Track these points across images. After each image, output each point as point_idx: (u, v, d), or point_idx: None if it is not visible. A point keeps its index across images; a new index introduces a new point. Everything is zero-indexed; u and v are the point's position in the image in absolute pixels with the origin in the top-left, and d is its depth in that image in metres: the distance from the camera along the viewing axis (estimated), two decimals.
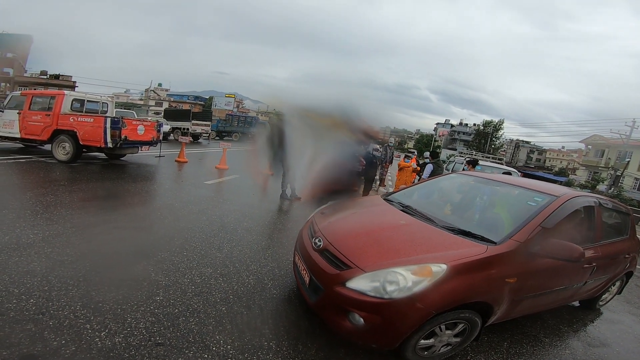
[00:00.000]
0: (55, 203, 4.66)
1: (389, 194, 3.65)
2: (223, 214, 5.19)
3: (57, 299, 2.40)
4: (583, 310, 3.93)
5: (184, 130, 17.84)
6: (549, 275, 2.71)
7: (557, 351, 2.93)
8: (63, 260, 3.00)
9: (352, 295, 2.09)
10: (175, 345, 2.10)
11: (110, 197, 5.37)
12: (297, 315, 2.67)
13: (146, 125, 8.51)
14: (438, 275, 2.06)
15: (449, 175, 4.14)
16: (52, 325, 2.11)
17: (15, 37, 32.44)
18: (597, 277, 3.32)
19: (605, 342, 3.28)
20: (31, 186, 5.47)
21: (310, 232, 2.85)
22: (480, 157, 14.80)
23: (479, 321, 2.32)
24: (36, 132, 7.75)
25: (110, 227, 4.00)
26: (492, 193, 3.42)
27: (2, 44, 32.53)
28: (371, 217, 3.03)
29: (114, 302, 2.46)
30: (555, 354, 2.88)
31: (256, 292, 2.93)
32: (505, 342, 2.88)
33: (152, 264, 3.19)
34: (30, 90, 8.21)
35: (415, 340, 2.14)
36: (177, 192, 6.41)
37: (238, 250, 3.83)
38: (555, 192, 2.94)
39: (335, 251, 2.39)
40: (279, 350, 2.22)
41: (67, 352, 1.90)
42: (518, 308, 2.63)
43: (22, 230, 3.55)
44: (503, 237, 2.44)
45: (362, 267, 2.16)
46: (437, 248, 2.32)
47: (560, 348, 3.00)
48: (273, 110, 14.17)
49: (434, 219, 2.79)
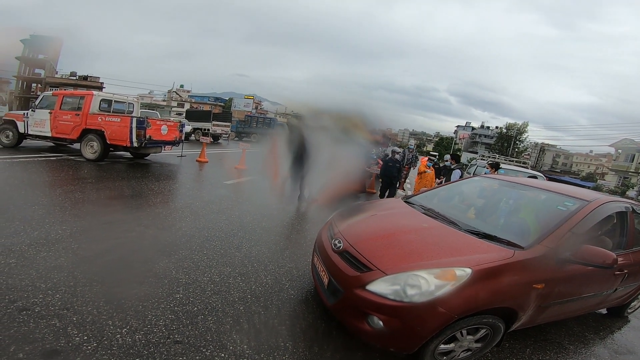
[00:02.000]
0: (82, 200, 4.84)
1: (410, 197, 3.58)
2: (242, 214, 5.24)
3: (82, 294, 2.47)
4: (610, 317, 3.78)
5: (205, 130, 18.21)
6: (578, 281, 2.60)
7: (581, 358, 2.82)
8: (89, 257, 3.10)
9: (371, 298, 2.04)
10: (193, 343, 2.12)
11: (135, 195, 5.52)
12: (314, 317, 2.65)
13: (169, 126, 8.73)
14: (462, 279, 1.99)
15: (472, 178, 4.02)
16: (75, 321, 2.16)
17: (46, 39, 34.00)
18: (627, 284, 3.19)
19: (632, 349, 3.14)
20: (60, 183, 5.71)
21: (330, 233, 2.82)
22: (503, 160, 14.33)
23: (502, 327, 2.23)
24: (66, 131, 8.05)
25: (134, 224, 4.11)
26: (519, 197, 3.29)
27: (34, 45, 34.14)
28: (392, 219, 2.97)
29: (135, 298, 2.51)
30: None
31: (274, 293, 2.93)
32: (527, 349, 2.77)
33: (173, 261, 3.24)
34: (61, 90, 8.54)
35: (435, 345, 2.08)
36: (198, 192, 6.53)
37: (257, 250, 3.85)
38: (587, 197, 2.84)
39: (355, 253, 2.35)
40: (295, 351, 2.20)
41: (89, 348, 1.94)
42: (544, 314, 2.53)
43: (52, 226, 3.69)
44: (531, 242, 2.35)
45: (383, 269, 2.12)
46: (461, 252, 2.24)
47: (585, 355, 2.88)
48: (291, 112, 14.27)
49: (457, 222, 2.71)
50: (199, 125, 18.37)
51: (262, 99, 64.82)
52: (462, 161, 23.52)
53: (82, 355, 1.88)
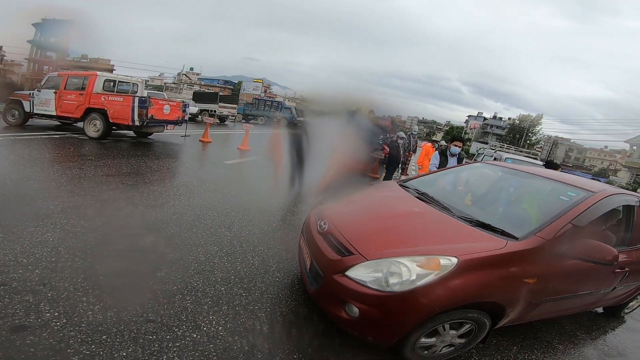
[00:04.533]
0: (79, 176, 4.83)
1: (406, 180, 3.43)
2: (238, 194, 5.19)
3: (61, 270, 2.43)
4: (605, 317, 3.60)
5: (211, 112, 18.15)
6: (575, 278, 2.44)
7: (569, 359, 2.68)
8: (76, 232, 3.07)
9: (350, 285, 1.94)
10: (166, 322, 2.07)
11: (133, 173, 5.50)
12: (297, 302, 2.57)
13: (172, 105, 8.69)
14: (446, 269, 1.86)
15: (474, 164, 3.84)
16: (50, 296, 2.13)
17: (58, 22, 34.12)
18: (627, 283, 2.99)
19: (623, 352, 2.99)
20: (60, 160, 5.73)
21: (318, 214, 2.71)
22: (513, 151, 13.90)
23: (488, 323, 2.11)
24: (70, 110, 8.14)
25: (128, 202, 4.08)
26: (521, 185, 3.12)
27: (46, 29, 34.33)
28: (383, 202, 2.83)
29: (115, 275, 2.47)
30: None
31: (259, 275, 2.86)
32: (515, 347, 2.64)
33: (162, 238, 3.22)
34: (66, 71, 8.59)
35: (416, 338, 1.97)
36: (196, 171, 6.50)
37: (248, 231, 3.79)
38: (592, 188, 2.63)
39: (339, 235, 2.24)
40: (271, 334, 2.14)
41: (58, 324, 1.90)
42: (535, 311, 2.39)
43: (44, 201, 3.68)
44: (527, 233, 2.17)
45: (364, 254, 2.01)
46: (450, 239, 2.11)
47: (573, 356, 2.74)
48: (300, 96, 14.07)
49: (451, 208, 2.55)
50: (206, 106, 18.30)
51: (272, 83, 64.27)
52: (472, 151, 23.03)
53: (49, 331, 1.84)
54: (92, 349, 1.79)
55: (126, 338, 1.90)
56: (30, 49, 34.82)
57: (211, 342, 1.98)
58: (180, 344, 1.93)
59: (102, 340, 1.85)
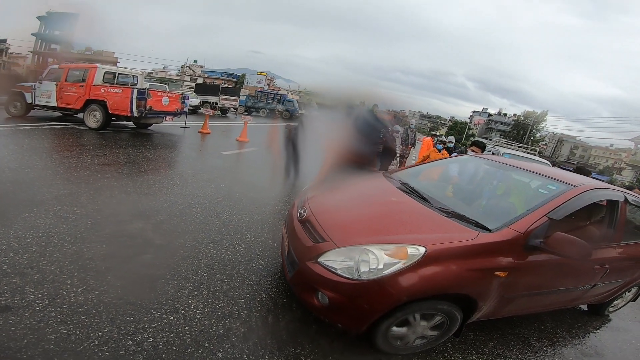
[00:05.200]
0: (76, 165, 4.92)
1: (393, 172, 3.45)
2: (232, 184, 5.27)
3: (50, 254, 2.52)
4: (590, 315, 3.53)
5: (213, 104, 18.18)
6: (550, 273, 2.41)
7: (544, 357, 2.64)
8: (67, 218, 3.16)
9: (321, 272, 1.98)
10: (145, 305, 2.14)
11: (129, 162, 5.58)
12: (277, 290, 2.64)
13: (171, 97, 8.77)
14: (414, 258, 1.88)
15: (461, 157, 3.85)
16: (36, 279, 2.21)
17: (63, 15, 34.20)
18: (609, 280, 2.93)
19: (601, 351, 2.93)
20: (58, 149, 5.82)
21: (301, 201, 2.76)
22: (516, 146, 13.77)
23: (459, 316, 2.12)
24: (71, 101, 8.28)
25: (121, 190, 4.17)
26: (503, 178, 3.14)
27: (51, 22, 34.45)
28: (364, 192, 2.86)
29: (101, 259, 2.56)
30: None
31: (243, 262, 2.93)
32: (491, 342, 2.63)
33: (151, 224, 3.31)
34: (67, 64, 8.72)
35: (386, 327, 2.01)
36: (192, 161, 6.58)
37: (237, 219, 3.86)
38: (574, 182, 2.59)
39: (315, 223, 2.28)
40: (248, 320, 2.21)
41: (40, 305, 1.98)
42: (510, 307, 2.39)
43: (39, 188, 3.77)
44: (499, 225, 2.17)
45: (335, 241, 2.05)
46: (422, 229, 2.14)
47: (548, 354, 2.70)
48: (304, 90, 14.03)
49: (429, 199, 2.56)
50: (207, 98, 18.34)
51: (276, 76, 64.02)
52: None
53: (31, 311, 1.93)
54: (69, 328, 1.87)
55: (104, 319, 1.97)
56: (35, 42, 35.03)
57: (187, 325, 2.06)
58: (156, 326, 2.01)
59: (81, 321, 1.93)
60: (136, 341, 1.88)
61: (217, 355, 1.91)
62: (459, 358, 2.37)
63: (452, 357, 2.36)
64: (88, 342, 1.81)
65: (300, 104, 22.86)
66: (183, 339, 1.96)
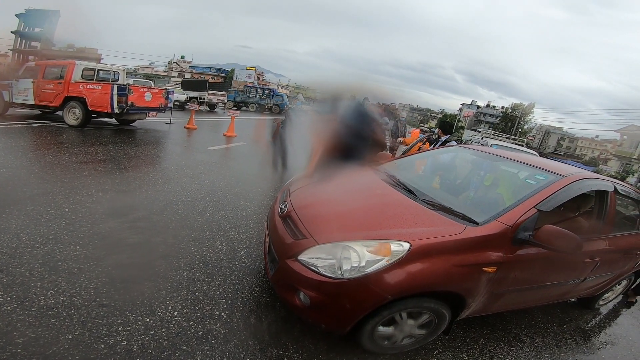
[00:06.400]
0: (52, 164, 4.72)
1: (379, 164, 3.36)
2: (216, 179, 5.13)
3: (20, 256, 2.39)
4: (580, 308, 3.49)
5: (200, 99, 17.88)
6: (539, 267, 2.34)
7: (535, 353, 2.60)
8: (40, 218, 3.01)
9: (301, 271, 1.89)
10: (119, 307, 2.04)
11: (108, 159, 5.40)
12: (261, 289, 2.55)
13: (153, 93, 8.54)
14: (398, 255, 1.80)
15: (450, 147, 3.79)
16: (5, 282, 2.10)
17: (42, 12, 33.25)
18: (599, 273, 2.87)
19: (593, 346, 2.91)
20: (35, 148, 5.59)
21: (283, 196, 2.66)
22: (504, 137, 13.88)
23: (448, 314, 2.04)
24: (49, 99, 8.03)
25: (98, 188, 4.00)
26: (491, 169, 3.07)
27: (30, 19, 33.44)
28: (348, 185, 2.77)
29: (74, 260, 2.43)
30: (532, 357, 2.55)
31: (225, 260, 2.83)
32: (482, 339, 2.57)
33: (128, 223, 3.19)
34: (43, 61, 8.43)
35: (372, 327, 1.92)
36: (176, 157, 6.42)
37: (220, 215, 3.75)
38: (562, 172, 2.51)
39: (296, 218, 2.18)
40: (229, 321, 2.12)
41: (8, 309, 1.88)
42: (499, 302, 2.32)
43: (13, 188, 3.61)
44: (487, 218, 2.08)
45: (316, 237, 1.95)
46: (407, 223, 2.04)
47: (540, 350, 2.65)
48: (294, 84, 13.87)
49: (415, 191, 2.47)
50: (195, 94, 18.02)
51: (266, 71, 63.37)
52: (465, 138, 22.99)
53: None
54: (38, 331, 1.77)
55: (75, 322, 1.87)
56: (15, 40, 33.96)
57: (164, 327, 1.96)
58: (130, 328, 1.90)
59: (50, 324, 1.83)
60: (108, 344, 1.79)
61: (196, 358, 1.82)
62: (449, 356, 2.31)
63: (442, 355, 2.30)
64: (57, 346, 1.72)
65: (289, 98, 22.69)
66: (159, 341, 1.86)
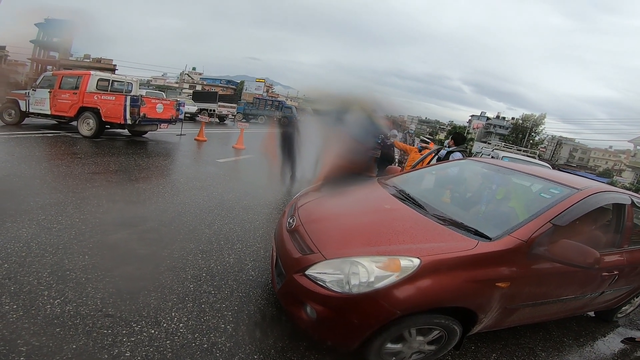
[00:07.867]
0: (65, 174, 4.81)
1: (387, 177, 3.34)
2: (225, 191, 5.15)
3: (29, 265, 2.41)
4: (597, 321, 3.38)
5: (211, 111, 18.17)
6: (555, 282, 2.28)
7: None
8: (51, 228, 3.04)
9: (309, 285, 1.86)
10: (125, 318, 2.02)
11: (120, 171, 5.47)
12: (267, 302, 2.51)
13: (165, 104, 8.70)
14: (408, 270, 1.75)
15: (460, 161, 3.75)
16: (12, 290, 2.11)
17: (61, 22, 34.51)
18: (618, 287, 2.80)
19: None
20: (49, 158, 5.72)
21: (291, 210, 2.64)
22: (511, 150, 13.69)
23: (459, 330, 1.97)
24: (64, 109, 8.20)
25: (110, 199, 4.05)
26: (503, 182, 3.01)
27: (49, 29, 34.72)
28: (356, 199, 2.74)
29: (82, 270, 2.43)
30: None
31: (232, 273, 2.80)
32: (494, 354, 2.48)
33: (137, 234, 3.19)
34: (60, 71, 8.66)
35: (380, 343, 1.86)
36: (185, 169, 6.48)
37: (228, 228, 3.74)
38: (578, 185, 2.46)
39: (304, 233, 2.16)
40: (234, 334, 2.08)
41: (14, 316, 1.88)
42: (513, 317, 2.26)
43: (25, 197, 3.66)
44: (500, 233, 2.04)
45: (324, 253, 1.92)
46: (417, 239, 2.00)
47: None
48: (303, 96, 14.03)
49: (425, 205, 2.43)
50: (205, 105, 18.34)
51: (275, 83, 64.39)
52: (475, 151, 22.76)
53: (4, 322, 1.83)
54: (42, 340, 1.77)
55: (80, 331, 1.87)
56: (33, 49, 35.24)
57: (169, 339, 1.93)
58: (135, 339, 1.88)
59: (55, 333, 1.83)
60: (112, 355, 1.77)
61: None
62: None
63: None
64: (60, 355, 1.71)
65: (298, 111, 22.95)
66: (163, 353, 1.83)
